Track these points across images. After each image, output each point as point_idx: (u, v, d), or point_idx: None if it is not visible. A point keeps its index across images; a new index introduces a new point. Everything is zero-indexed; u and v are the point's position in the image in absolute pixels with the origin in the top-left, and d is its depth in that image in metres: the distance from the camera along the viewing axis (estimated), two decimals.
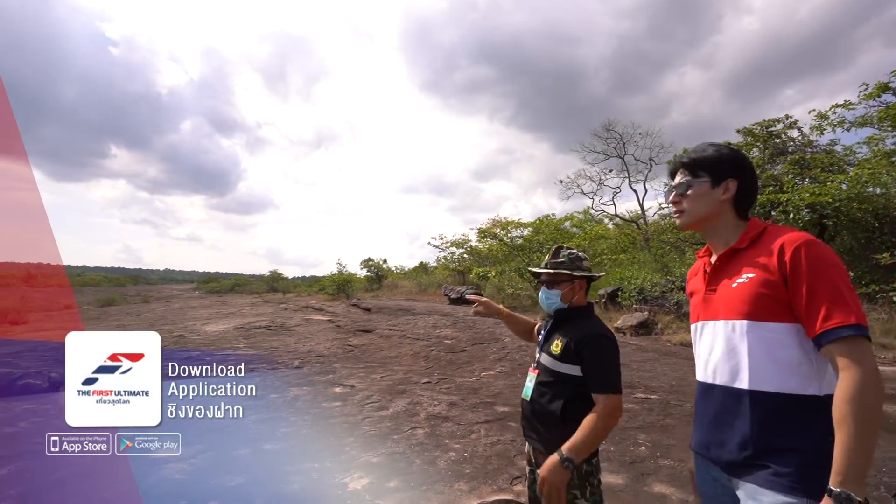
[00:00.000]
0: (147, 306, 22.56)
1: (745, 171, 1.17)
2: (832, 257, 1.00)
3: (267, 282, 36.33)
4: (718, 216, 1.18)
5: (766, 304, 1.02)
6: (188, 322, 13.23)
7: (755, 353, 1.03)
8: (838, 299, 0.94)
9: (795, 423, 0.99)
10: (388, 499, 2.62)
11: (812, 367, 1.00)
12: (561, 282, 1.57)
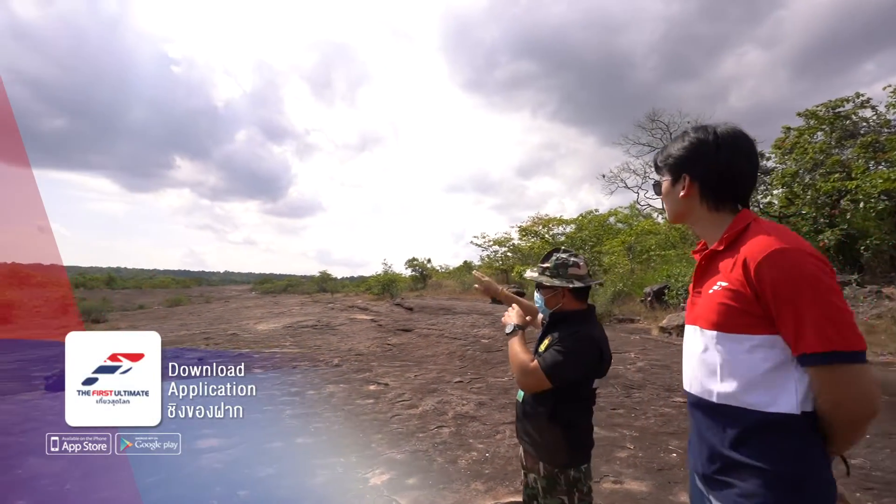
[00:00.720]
0: (208, 306, 24.18)
1: (699, 164, 1.06)
2: (806, 268, 0.87)
3: (316, 282, 37.76)
4: (689, 213, 1.11)
5: (737, 317, 0.94)
6: (242, 321, 14.03)
7: (726, 365, 0.96)
8: (823, 320, 0.84)
9: (766, 441, 0.91)
10: (405, 495, 2.68)
11: (791, 381, 0.90)
12: (544, 287, 1.55)
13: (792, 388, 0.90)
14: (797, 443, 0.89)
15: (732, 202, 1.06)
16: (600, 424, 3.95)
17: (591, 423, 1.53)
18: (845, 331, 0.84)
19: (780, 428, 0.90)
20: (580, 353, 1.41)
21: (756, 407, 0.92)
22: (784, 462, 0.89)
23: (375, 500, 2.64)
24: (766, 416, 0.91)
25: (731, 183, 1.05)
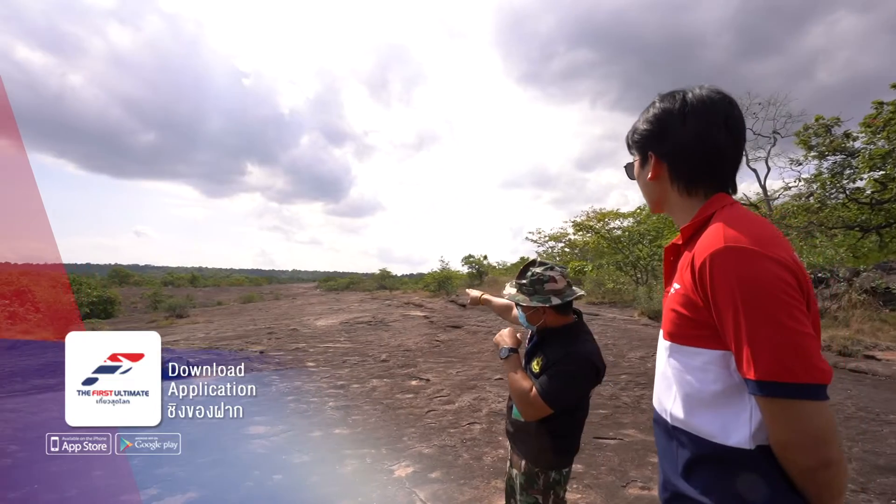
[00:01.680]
0: (276, 303, 25.89)
1: (665, 138, 0.88)
2: (757, 275, 0.70)
3: (376, 280, 38.99)
4: (661, 198, 0.94)
5: (688, 326, 0.81)
6: (304, 317, 14.87)
7: (678, 382, 0.84)
8: (766, 343, 0.69)
9: (714, 476, 0.79)
10: (425, 488, 2.77)
11: (744, 408, 0.75)
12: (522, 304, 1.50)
13: (745, 417, 0.75)
14: (744, 482, 0.74)
15: (708, 184, 0.88)
16: (637, 427, 3.80)
17: (580, 430, 1.50)
18: (791, 358, 0.68)
19: (731, 463, 0.76)
20: (577, 376, 1.37)
21: (705, 435, 0.79)
22: (726, 502, 0.76)
23: (396, 491, 2.75)
24: (715, 448, 0.77)
25: (703, 160, 0.86)
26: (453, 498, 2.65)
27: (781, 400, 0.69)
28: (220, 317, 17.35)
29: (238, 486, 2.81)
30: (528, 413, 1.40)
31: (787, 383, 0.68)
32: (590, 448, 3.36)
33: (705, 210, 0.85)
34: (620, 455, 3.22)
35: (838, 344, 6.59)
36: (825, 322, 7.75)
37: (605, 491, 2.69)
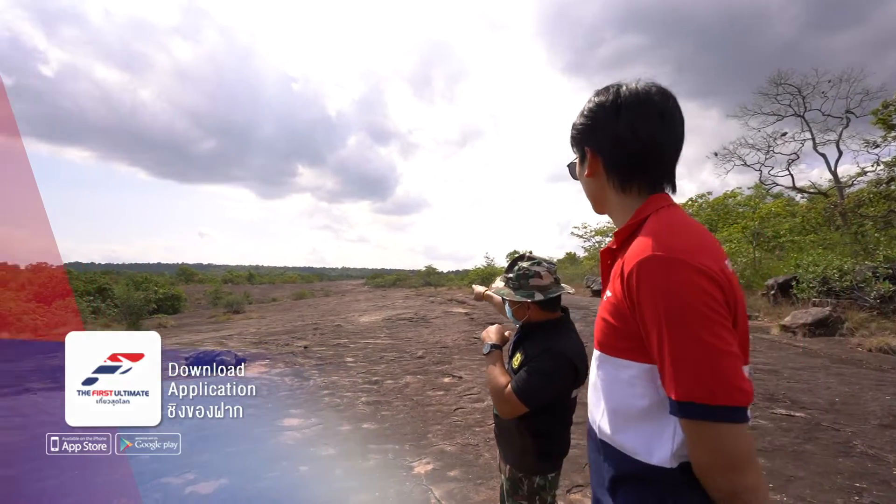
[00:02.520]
0: (325, 299, 26.91)
1: (599, 130, 0.85)
2: (677, 286, 0.66)
3: (422, 276, 39.53)
4: (601, 196, 0.90)
5: (616, 337, 0.77)
6: (349, 314, 15.35)
7: (607, 396, 0.80)
8: (685, 361, 0.65)
9: (636, 494, 0.75)
10: (442, 486, 2.78)
11: (669, 425, 0.72)
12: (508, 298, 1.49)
13: (669, 434, 0.72)
14: (663, 502, 0.72)
15: (643, 181, 0.84)
16: None
17: (565, 432, 1.45)
18: (710, 379, 0.64)
19: (653, 482, 0.73)
20: (552, 373, 1.34)
21: (629, 452, 0.76)
22: None
23: (413, 488, 2.78)
24: (638, 465, 0.74)
25: (637, 154, 0.82)
26: (468, 497, 2.64)
27: (699, 422, 0.65)
28: (273, 313, 18.27)
29: (265, 475, 2.95)
30: (503, 409, 1.38)
31: (706, 405, 0.64)
32: None
33: (641, 212, 0.81)
34: None
35: None
36: None
37: None
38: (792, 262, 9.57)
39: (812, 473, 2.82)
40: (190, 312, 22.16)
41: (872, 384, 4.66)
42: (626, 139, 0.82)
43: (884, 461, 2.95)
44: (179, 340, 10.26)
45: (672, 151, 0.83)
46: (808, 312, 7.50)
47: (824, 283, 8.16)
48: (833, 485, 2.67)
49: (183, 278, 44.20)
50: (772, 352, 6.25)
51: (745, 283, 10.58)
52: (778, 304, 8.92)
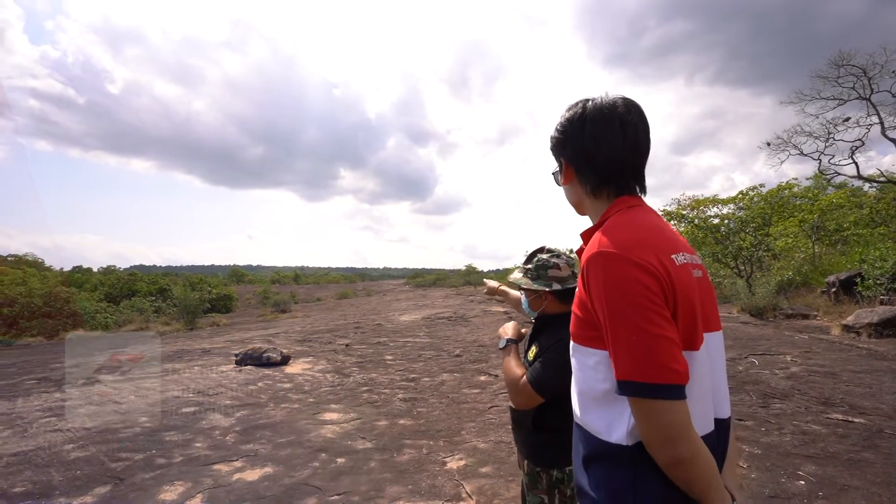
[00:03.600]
0: (367, 299, 27.55)
1: (569, 141, 0.94)
2: (627, 282, 0.74)
3: (462, 276, 39.61)
4: (578, 201, 0.99)
5: (583, 327, 0.85)
6: (390, 313, 15.67)
7: (577, 380, 0.89)
8: (624, 345, 0.74)
9: (601, 471, 0.82)
10: (473, 482, 2.83)
11: (625, 406, 0.78)
12: (526, 288, 1.52)
13: (626, 415, 0.78)
14: (625, 478, 0.78)
15: (610, 186, 0.92)
16: None
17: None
18: (644, 360, 0.72)
19: (613, 458, 0.80)
20: (565, 363, 1.35)
21: (594, 432, 0.83)
22: (610, 498, 0.80)
23: (445, 482, 2.85)
24: (602, 444, 0.82)
25: (601, 164, 0.90)
26: (498, 493, 2.68)
27: (638, 399, 0.73)
28: (317, 312, 18.94)
29: (306, 466, 3.11)
30: (518, 401, 1.41)
31: (642, 383, 0.72)
32: None
33: (605, 215, 0.90)
34: None
35: None
36: None
37: None
38: (856, 257, 8.85)
39: (869, 483, 2.65)
40: (240, 311, 23.37)
41: None
42: (591, 150, 0.91)
43: None
44: (231, 338, 10.88)
45: (635, 158, 0.91)
46: (874, 311, 6.93)
47: (893, 280, 7.52)
48: (893, 496, 2.50)
49: (234, 279, 46.63)
50: (830, 353, 5.84)
51: (801, 280, 9.89)
52: (840, 303, 8.29)
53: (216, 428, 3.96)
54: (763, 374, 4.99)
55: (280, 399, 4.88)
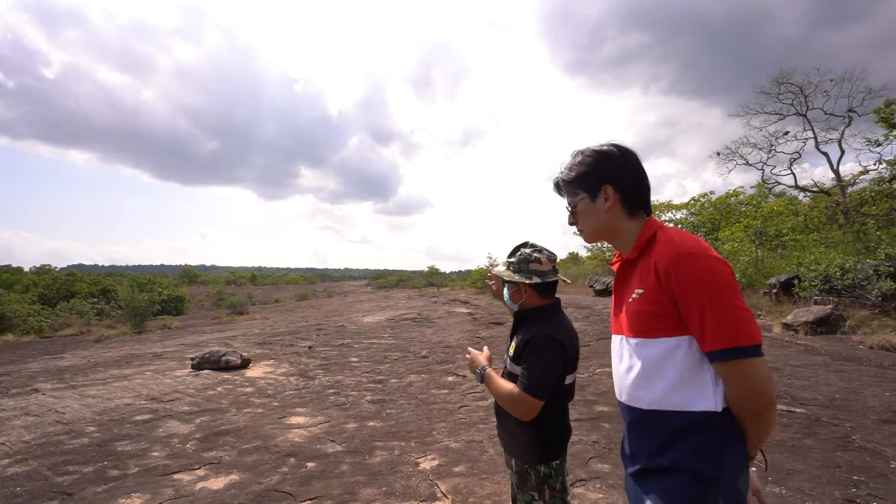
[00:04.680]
0: (328, 300, 26.97)
1: (616, 172, 1.10)
2: (718, 272, 0.92)
3: (425, 277, 39.52)
4: (612, 225, 1.13)
5: (655, 321, 0.98)
6: (352, 314, 15.41)
7: (651, 370, 1.00)
8: (725, 319, 0.90)
9: (690, 442, 0.95)
10: (447, 481, 2.84)
11: (708, 379, 0.95)
12: (508, 282, 1.55)
13: (710, 386, 0.94)
14: (716, 441, 0.94)
15: (641, 209, 1.12)
16: None
17: (564, 419, 1.50)
18: (743, 327, 0.89)
19: (703, 426, 0.94)
20: (549, 361, 1.40)
21: (681, 407, 0.96)
22: (702, 461, 0.94)
23: (419, 482, 2.84)
24: (692, 416, 0.95)
25: (642, 185, 1.11)
26: (473, 492, 2.70)
27: (739, 360, 0.89)
28: (276, 314, 18.34)
29: (274, 471, 3.01)
30: (520, 412, 1.41)
31: (744, 346, 0.89)
32: (619, 448, 3.28)
33: (647, 230, 1.07)
34: None
35: None
36: None
37: None
38: (794, 261, 9.57)
39: (811, 467, 2.87)
40: (193, 314, 22.27)
41: (872, 381, 4.70)
42: (633, 178, 1.10)
43: (882, 455, 2.99)
44: (185, 341, 10.35)
45: (650, 187, 1.14)
46: (809, 311, 7.52)
47: (826, 282, 8.18)
48: (831, 478, 2.72)
49: (186, 280, 44.34)
50: (773, 350, 6.28)
51: (747, 282, 10.58)
52: (780, 303, 8.94)
53: (174, 436, 3.76)
54: None
55: (242, 404, 4.69)
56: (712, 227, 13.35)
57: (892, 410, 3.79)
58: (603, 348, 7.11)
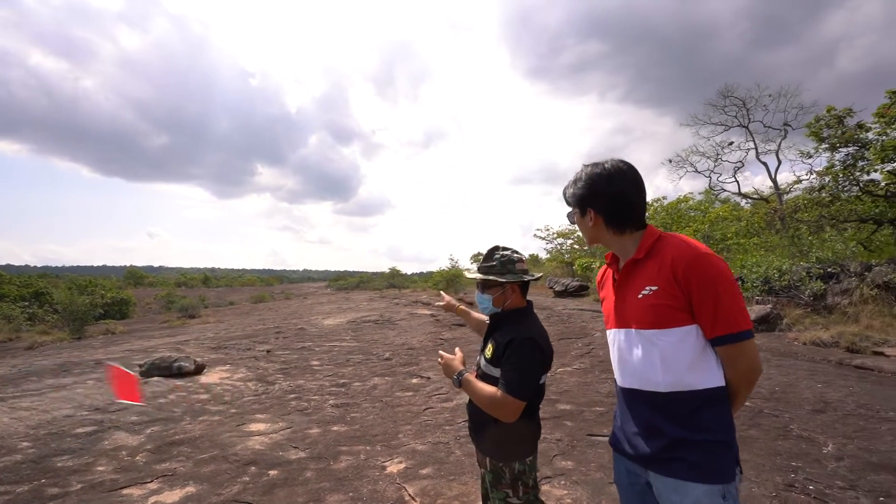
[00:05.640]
0: (286, 302, 26.16)
1: (596, 198, 1.22)
2: (722, 269, 1.08)
3: (386, 278, 39.09)
4: (600, 237, 1.27)
5: (669, 313, 1.11)
6: (312, 317, 15.03)
7: (668, 357, 1.12)
8: (735, 308, 1.07)
9: (709, 415, 1.10)
10: (414, 483, 2.82)
11: (712, 360, 1.11)
12: (492, 286, 1.57)
13: (715, 366, 1.11)
14: (726, 411, 1.11)
15: (631, 225, 1.22)
16: None
17: (536, 418, 1.54)
18: (744, 315, 1.08)
19: (717, 400, 1.10)
20: (529, 361, 1.43)
21: (697, 387, 1.11)
22: (720, 430, 1.10)
23: (386, 486, 2.81)
24: (708, 393, 1.10)
25: (626, 208, 1.22)
26: (441, 493, 2.70)
27: (744, 342, 1.08)
28: (231, 317, 17.61)
29: (234, 481, 2.89)
30: (503, 414, 1.41)
31: (747, 330, 1.08)
32: (582, 445, 3.38)
33: (651, 235, 1.19)
34: (611, 452, 3.24)
35: (846, 340, 6.47)
36: (835, 318, 7.63)
37: (592, 487, 2.71)
38: (738, 263, 10.22)
39: (756, 455, 3.07)
40: (140, 318, 20.99)
41: (806, 374, 5.09)
42: (618, 200, 1.21)
43: (815, 442, 3.25)
44: (131, 347, 9.73)
45: (643, 204, 1.24)
46: (751, 310, 8.04)
47: (766, 283, 8.78)
48: (773, 465, 2.92)
49: (131, 281, 41.71)
50: None
51: None
52: None
53: (122, 448, 3.53)
54: None
55: (197, 412, 4.47)
56: (665, 230, 14.01)
57: (823, 401, 4.12)
58: (562, 348, 7.30)
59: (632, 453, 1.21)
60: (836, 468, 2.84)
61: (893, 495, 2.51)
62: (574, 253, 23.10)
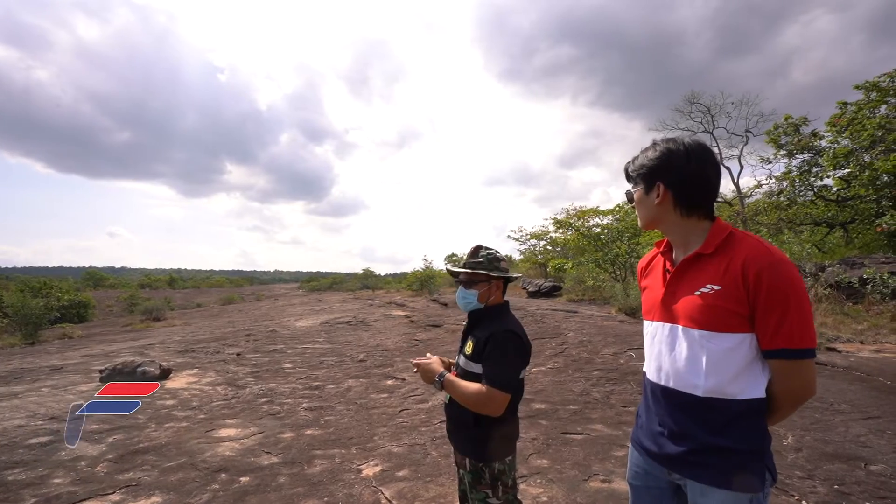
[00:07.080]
0: (257, 304, 25.52)
1: (670, 172, 1.13)
2: (797, 279, 1.01)
3: (360, 279, 38.65)
4: (662, 218, 1.17)
5: (726, 317, 1.04)
6: (284, 319, 14.70)
7: (714, 362, 1.06)
8: (803, 324, 1.00)
9: (746, 425, 1.06)
10: (391, 486, 2.80)
11: (759, 371, 1.06)
12: (478, 282, 1.59)
13: (761, 377, 1.06)
14: (763, 422, 1.08)
15: (701, 208, 1.13)
16: (605, 422, 3.89)
17: (515, 416, 1.56)
18: (812, 332, 1.02)
19: (755, 412, 1.06)
20: (513, 354, 1.46)
21: (738, 396, 1.06)
22: (756, 440, 1.06)
23: (362, 490, 2.77)
24: (749, 403, 1.05)
25: (701, 189, 1.12)
26: (418, 495, 2.69)
27: (805, 360, 1.02)
28: (199, 319, 17.04)
29: (203, 489, 2.79)
30: (491, 408, 1.42)
31: (811, 349, 1.02)
32: (557, 443, 3.43)
33: (722, 230, 1.10)
34: (586, 450, 3.30)
35: None
36: None
37: (567, 485, 2.76)
38: None
39: None
40: (100, 321, 20.04)
41: None
42: (694, 177, 1.11)
43: (776, 434, 3.40)
44: (91, 352, 9.27)
45: (717, 188, 1.16)
46: None
47: None
48: None
49: (91, 283, 39.79)
50: None
51: None
52: None
53: (81, 458, 3.35)
54: (640, 366, 5.72)
55: (163, 418, 4.29)
56: (634, 232, 14.44)
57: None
58: (536, 348, 7.38)
59: (656, 451, 1.17)
60: (795, 459, 2.99)
61: (847, 482, 2.66)
62: (547, 254, 23.46)
